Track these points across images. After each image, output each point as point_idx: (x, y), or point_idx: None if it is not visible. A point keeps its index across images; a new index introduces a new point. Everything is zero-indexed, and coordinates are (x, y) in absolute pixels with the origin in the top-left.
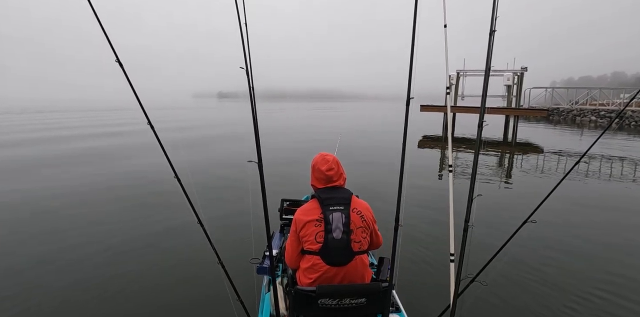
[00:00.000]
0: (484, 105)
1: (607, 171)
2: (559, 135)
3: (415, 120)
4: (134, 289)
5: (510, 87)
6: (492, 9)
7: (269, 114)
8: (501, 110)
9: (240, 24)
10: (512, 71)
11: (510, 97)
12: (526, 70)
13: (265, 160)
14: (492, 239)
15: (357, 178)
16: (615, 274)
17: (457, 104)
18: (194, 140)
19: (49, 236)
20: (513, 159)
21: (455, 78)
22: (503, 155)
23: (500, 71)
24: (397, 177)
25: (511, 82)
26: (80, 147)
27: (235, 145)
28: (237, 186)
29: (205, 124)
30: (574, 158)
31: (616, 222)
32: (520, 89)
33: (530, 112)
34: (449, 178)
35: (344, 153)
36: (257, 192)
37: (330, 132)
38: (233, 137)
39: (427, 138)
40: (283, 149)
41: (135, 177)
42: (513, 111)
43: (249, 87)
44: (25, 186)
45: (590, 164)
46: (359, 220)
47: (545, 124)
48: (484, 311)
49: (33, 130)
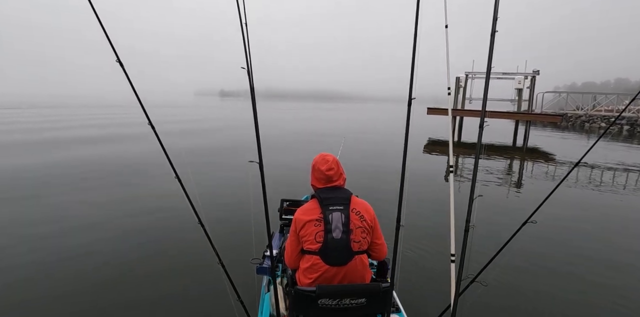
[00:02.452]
0: (484, 107)
1: (610, 176)
2: (568, 142)
3: (423, 124)
4: (133, 289)
5: (521, 91)
6: (494, 10)
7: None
8: (513, 115)
9: (241, 24)
10: (524, 74)
11: (520, 101)
12: (538, 73)
13: (266, 160)
14: (493, 240)
15: (359, 178)
16: (615, 274)
17: (465, 108)
18: (194, 140)
19: (47, 236)
20: (523, 165)
21: (463, 80)
22: (512, 161)
23: (511, 74)
24: (398, 177)
25: (522, 85)
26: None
27: (235, 145)
28: (237, 186)
29: (207, 123)
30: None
31: (617, 222)
32: (533, 93)
33: (544, 117)
34: (449, 179)
35: (347, 153)
36: (257, 192)
37: (334, 135)
38: (233, 138)
39: (434, 142)
40: (284, 149)
41: (135, 176)
42: (525, 116)
43: (250, 88)
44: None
45: (594, 170)
46: (358, 220)
47: (552, 130)
48: (484, 312)
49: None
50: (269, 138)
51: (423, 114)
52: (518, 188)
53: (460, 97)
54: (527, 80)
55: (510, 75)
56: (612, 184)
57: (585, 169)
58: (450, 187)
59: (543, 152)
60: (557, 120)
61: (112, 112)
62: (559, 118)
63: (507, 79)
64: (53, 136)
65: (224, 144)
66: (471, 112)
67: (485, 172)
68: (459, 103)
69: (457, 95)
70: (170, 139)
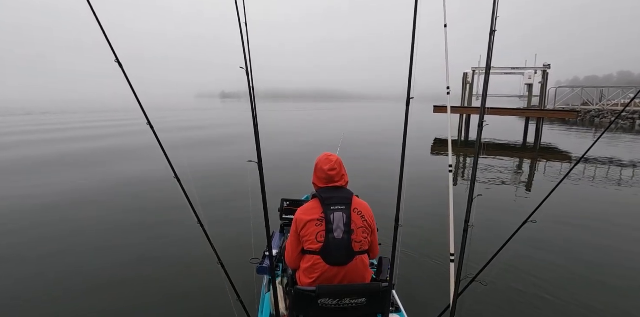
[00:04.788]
0: (484, 105)
1: (615, 173)
2: (581, 139)
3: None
4: (133, 289)
5: (531, 86)
6: (493, 9)
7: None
8: (525, 112)
9: (240, 24)
10: (534, 68)
11: (531, 97)
12: (549, 67)
13: (266, 160)
14: (492, 239)
15: (358, 178)
16: (615, 274)
17: (473, 105)
18: (195, 141)
19: (46, 236)
20: (534, 166)
21: (471, 76)
22: (522, 161)
23: (520, 68)
24: (398, 177)
25: (533, 80)
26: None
27: (235, 145)
28: (237, 186)
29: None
30: (593, 164)
31: (617, 222)
32: (545, 88)
33: (558, 114)
34: (449, 178)
35: (348, 153)
36: (257, 192)
37: (334, 134)
38: (234, 138)
39: (441, 141)
40: (284, 150)
41: (135, 176)
42: (538, 113)
43: (249, 88)
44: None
45: (600, 167)
46: (360, 220)
47: (560, 126)
48: (484, 311)
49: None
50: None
51: (429, 112)
52: (515, 186)
53: (467, 93)
54: (538, 75)
55: (520, 70)
56: (620, 180)
57: (592, 165)
58: (449, 187)
59: (558, 150)
60: (573, 116)
61: (112, 116)
62: (574, 114)
63: (516, 74)
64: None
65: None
66: (478, 110)
67: (494, 172)
68: (466, 100)
69: (465, 92)
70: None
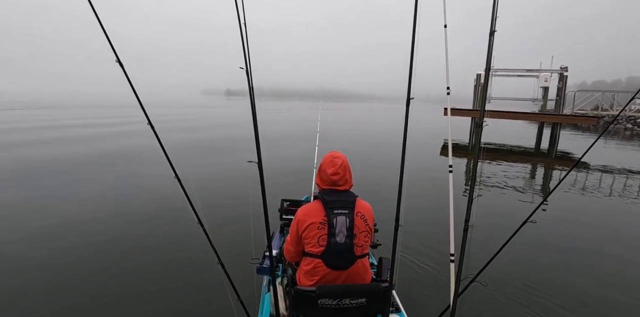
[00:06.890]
0: (483, 107)
1: (611, 178)
2: (606, 149)
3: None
4: (133, 289)
5: (547, 89)
6: (492, 10)
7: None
8: (543, 117)
9: (240, 24)
10: (550, 71)
11: (546, 100)
12: (566, 70)
13: (265, 160)
14: (492, 239)
15: (359, 178)
16: (615, 274)
17: (485, 108)
18: (195, 142)
19: (45, 236)
20: (548, 174)
21: (483, 78)
22: (535, 167)
23: (535, 71)
24: (398, 178)
25: (549, 83)
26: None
27: (235, 145)
28: (237, 186)
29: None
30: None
31: (617, 222)
32: (563, 92)
33: (578, 119)
34: (449, 179)
35: (353, 154)
36: (257, 193)
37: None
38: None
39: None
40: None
41: (134, 176)
42: (556, 117)
43: (249, 88)
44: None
45: (606, 174)
46: (363, 224)
47: (571, 131)
48: (484, 311)
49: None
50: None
51: (439, 114)
52: (515, 186)
53: (479, 96)
54: (554, 77)
55: (534, 73)
56: (621, 186)
57: (592, 173)
58: (449, 188)
59: (575, 159)
60: (593, 122)
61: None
62: (595, 120)
63: (530, 76)
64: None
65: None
66: (491, 113)
67: (496, 177)
68: (478, 103)
69: (477, 94)
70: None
